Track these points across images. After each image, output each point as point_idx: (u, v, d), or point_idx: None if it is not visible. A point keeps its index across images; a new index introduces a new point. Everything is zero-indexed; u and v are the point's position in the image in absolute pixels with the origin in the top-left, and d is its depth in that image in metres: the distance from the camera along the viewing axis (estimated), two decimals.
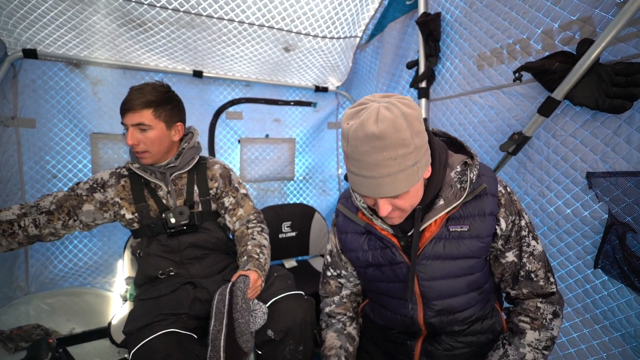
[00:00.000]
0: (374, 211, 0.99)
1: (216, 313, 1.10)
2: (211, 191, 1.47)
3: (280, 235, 2.34)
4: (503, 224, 0.93)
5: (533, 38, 1.29)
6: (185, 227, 1.39)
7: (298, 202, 2.82)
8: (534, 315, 0.94)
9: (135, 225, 1.41)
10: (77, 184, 1.38)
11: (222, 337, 1.03)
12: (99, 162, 2.06)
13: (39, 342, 1.38)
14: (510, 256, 0.96)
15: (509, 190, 0.96)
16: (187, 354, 1.09)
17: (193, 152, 1.44)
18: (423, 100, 1.88)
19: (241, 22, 1.90)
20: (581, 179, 1.19)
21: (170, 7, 1.72)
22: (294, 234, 2.39)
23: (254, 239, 1.42)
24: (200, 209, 1.44)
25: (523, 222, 0.95)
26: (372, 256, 1.03)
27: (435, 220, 0.92)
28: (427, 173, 0.86)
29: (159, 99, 1.29)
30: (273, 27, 1.98)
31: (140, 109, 1.25)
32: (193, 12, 1.77)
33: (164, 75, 2.21)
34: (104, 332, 1.77)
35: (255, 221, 1.51)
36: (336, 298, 1.20)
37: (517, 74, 1.28)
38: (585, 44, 1.07)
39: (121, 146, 2.12)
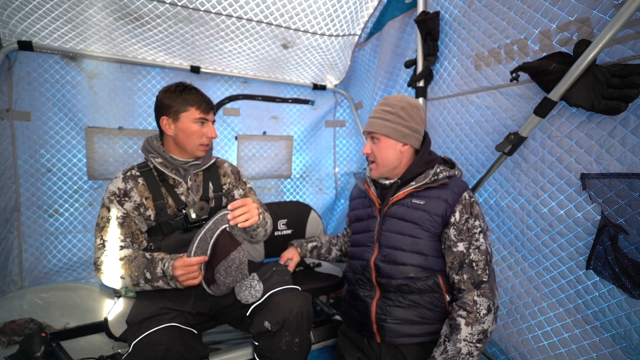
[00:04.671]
0: (371, 183, 1.47)
1: (200, 241, 1.16)
2: (224, 187, 1.55)
3: (276, 233, 2.34)
4: (457, 216, 1.23)
5: (531, 38, 1.29)
6: (203, 222, 1.42)
7: (294, 200, 2.82)
8: (471, 309, 1.16)
9: (153, 223, 1.39)
10: (108, 210, 1.32)
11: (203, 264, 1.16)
12: (94, 156, 2.05)
13: (31, 335, 1.38)
14: (461, 246, 1.22)
15: (472, 200, 1.27)
16: (187, 349, 1.11)
17: (210, 152, 1.53)
18: (420, 100, 1.88)
19: (239, 18, 1.89)
20: (575, 180, 1.19)
21: (167, 2, 1.70)
22: (289, 231, 2.38)
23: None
24: (213, 204, 1.48)
25: (477, 223, 1.22)
26: (361, 212, 1.48)
27: (403, 192, 1.32)
28: (402, 147, 1.34)
29: None
30: (271, 24, 1.97)
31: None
32: (191, 6, 1.76)
33: (160, 70, 2.20)
34: (98, 327, 1.77)
35: (260, 209, 1.57)
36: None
37: (514, 74, 1.28)
38: (582, 45, 1.07)
39: (116, 140, 2.11)
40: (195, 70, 2.23)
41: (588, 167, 1.15)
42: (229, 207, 1.19)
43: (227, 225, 1.18)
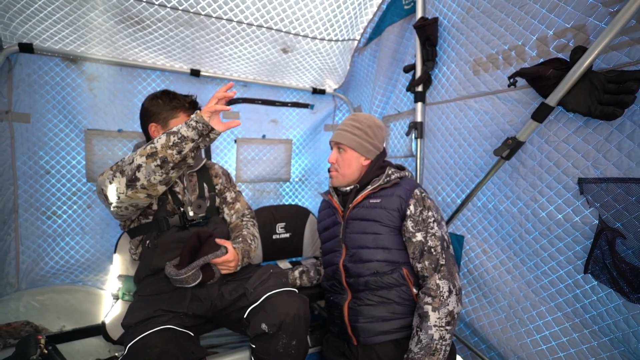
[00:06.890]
0: (334, 192, 1.59)
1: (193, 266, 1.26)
2: (217, 187, 1.63)
3: (274, 236, 2.34)
4: (412, 209, 1.35)
5: (528, 45, 1.31)
6: (200, 220, 1.49)
7: (293, 203, 2.82)
8: (435, 293, 1.24)
9: (150, 217, 1.44)
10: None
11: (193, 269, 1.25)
12: (93, 158, 2.05)
13: (27, 338, 1.36)
14: (419, 236, 1.33)
15: (424, 195, 1.39)
16: (183, 351, 1.11)
17: (200, 155, 1.64)
18: (419, 104, 1.89)
19: (240, 22, 1.90)
20: (573, 184, 1.20)
21: (168, 5, 1.72)
22: (287, 235, 2.38)
23: (249, 229, 1.57)
24: (208, 204, 1.54)
25: (430, 214, 1.35)
26: (327, 222, 1.58)
27: (362, 195, 1.44)
28: (364, 161, 1.48)
29: None
30: (271, 28, 1.98)
31: None
32: (191, 10, 1.77)
33: (161, 74, 2.20)
34: (95, 330, 1.76)
35: (248, 216, 1.67)
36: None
37: (511, 80, 1.30)
38: (578, 52, 1.09)
39: (116, 143, 2.11)
40: (195, 73, 2.24)
41: (585, 171, 1.16)
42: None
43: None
